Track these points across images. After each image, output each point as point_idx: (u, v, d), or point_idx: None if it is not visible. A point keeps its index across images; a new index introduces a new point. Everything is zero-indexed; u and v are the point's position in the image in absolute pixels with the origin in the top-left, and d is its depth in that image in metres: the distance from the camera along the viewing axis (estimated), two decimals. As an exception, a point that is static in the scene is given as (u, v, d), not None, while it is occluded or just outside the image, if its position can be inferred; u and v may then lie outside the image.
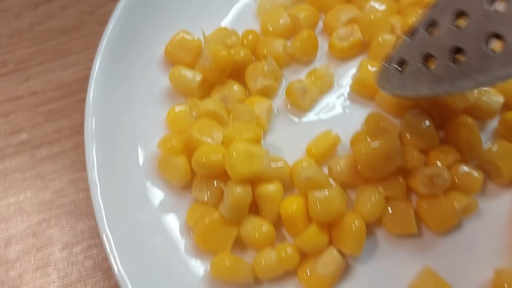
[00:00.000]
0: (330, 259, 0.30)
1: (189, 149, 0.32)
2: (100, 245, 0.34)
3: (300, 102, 0.35)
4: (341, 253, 0.30)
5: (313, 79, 0.36)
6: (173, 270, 0.30)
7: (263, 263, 0.29)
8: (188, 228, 0.32)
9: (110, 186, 0.31)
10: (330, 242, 0.31)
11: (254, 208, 0.31)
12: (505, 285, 0.29)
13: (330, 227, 0.31)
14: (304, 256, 0.30)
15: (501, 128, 0.34)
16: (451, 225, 0.31)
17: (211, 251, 0.30)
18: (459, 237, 0.32)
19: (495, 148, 0.32)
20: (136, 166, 0.33)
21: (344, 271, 0.31)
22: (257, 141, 0.32)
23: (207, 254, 0.31)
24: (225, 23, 0.39)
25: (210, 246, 0.30)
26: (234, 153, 0.29)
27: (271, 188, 0.31)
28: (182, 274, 0.30)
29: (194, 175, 0.32)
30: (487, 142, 0.33)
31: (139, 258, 0.30)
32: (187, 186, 0.32)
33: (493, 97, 0.33)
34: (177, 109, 0.34)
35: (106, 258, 0.33)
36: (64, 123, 0.37)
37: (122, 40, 0.36)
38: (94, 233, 0.34)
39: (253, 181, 0.30)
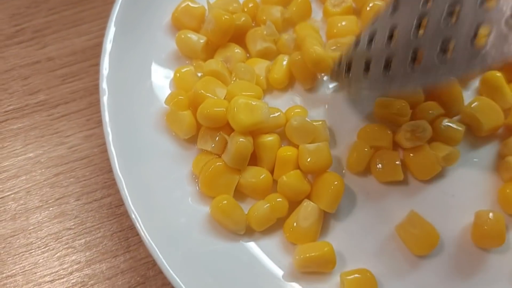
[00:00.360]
0: (309, 211, 0.32)
1: (194, 105, 0.35)
2: (113, 194, 0.37)
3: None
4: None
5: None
6: (180, 213, 0.33)
7: (256, 213, 0.32)
8: (194, 177, 0.34)
9: (122, 138, 0.34)
10: (308, 197, 0.33)
11: (253, 163, 0.34)
12: (485, 226, 0.32)
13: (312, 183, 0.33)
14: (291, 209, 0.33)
15: (481, 86, 0.36)
16: (435, 173, 0.34)
17: (215, 196, 0.33)
18: (443, 184, 0.35)
19: (475, 103, 0.34)
20: (146, 121, 0.36)
21: (339, 214, 0.34)
22: (258, 98, 0.34)
23: (211, 201, 0.34)
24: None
25: (214, 191, 0.33)
26: (236, 106, 0.32)
27: (270, 138, 0.34)
28: (189, 217, 0.33)
29: (199, 128, 0.35)
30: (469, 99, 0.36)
31: (150, 202, 0.33)
32: (192, 140, 0.35)
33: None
34: (183, 69, 0.37)
35: (118, 206, 0.36)
36: (78, 84, 0.40)
37: (131, 8, 0.38)
38: (108, 185, 0.37)
39: (254, 133, 0.33)
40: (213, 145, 0.34)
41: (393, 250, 0.33)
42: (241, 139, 0.32)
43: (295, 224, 0.32)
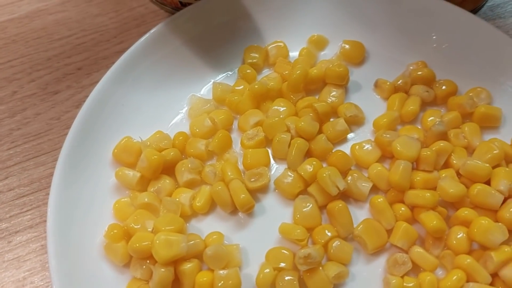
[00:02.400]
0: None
1: (128, 236, 0.42)
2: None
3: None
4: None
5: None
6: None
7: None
8: (130, 301, 0.41)
9: (66, 267, 0.40)
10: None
11: (177, 285, 0.40)
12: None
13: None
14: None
15: (370, 208, 0.43)
16: (328, 291, 0.40)
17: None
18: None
19: (361, 226, 0.41)
20: (88, 249, 0.42)
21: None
22: (180, 231, 0.41)
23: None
24: (165, 125, 0.49)
25: (144, 314, 0.39)
26: (157, 241, 0.39)
27: (189, 265, 0.40)
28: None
29: (132, 256, 0.41)
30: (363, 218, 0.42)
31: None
32: (127, 264, 0.42)
33: (364, 183, 0.43)
34: (121, 200, 0.44)
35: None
36: (35, 213, 0.47)
37: (79, 145, 0.45)
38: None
39: (176, 260, 0.40)
40: (142, 272, 0.40)
41: None
42: (162, 270, 0.39)
43: None
